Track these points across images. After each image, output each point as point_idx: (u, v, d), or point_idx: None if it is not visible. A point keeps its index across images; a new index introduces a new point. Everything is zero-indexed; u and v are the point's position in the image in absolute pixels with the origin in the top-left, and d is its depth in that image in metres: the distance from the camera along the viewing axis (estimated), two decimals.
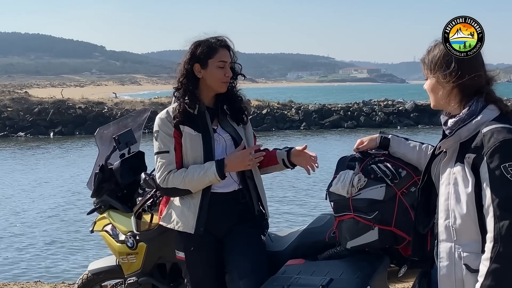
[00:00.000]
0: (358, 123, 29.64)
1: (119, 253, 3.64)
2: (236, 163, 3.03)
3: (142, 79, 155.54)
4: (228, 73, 3.09)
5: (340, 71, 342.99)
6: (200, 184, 3.02)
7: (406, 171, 2.82)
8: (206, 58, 3.06)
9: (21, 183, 14.91)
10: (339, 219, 2.86)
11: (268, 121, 29.12)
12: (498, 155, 2.08)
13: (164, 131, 3.09)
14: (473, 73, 2.20)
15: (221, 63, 3.06)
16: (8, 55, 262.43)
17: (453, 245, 2.20)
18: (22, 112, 28.97)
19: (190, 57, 3.08)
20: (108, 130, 4.12)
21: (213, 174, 2.98)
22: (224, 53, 3.08)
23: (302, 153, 3.20)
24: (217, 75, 3.07)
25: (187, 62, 3.08)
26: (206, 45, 3.07)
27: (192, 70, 3.08)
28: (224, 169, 3.00)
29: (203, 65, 3.07)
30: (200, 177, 3.00)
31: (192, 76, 3.08)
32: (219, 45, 3.08)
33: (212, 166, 3.00)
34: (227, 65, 3.09)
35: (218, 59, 3.06)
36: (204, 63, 3.06)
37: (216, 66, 3.06)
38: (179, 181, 3.02)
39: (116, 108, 29.44)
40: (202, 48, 3.06)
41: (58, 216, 11.08)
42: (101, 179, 3.74)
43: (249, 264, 3.01)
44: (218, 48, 3.07)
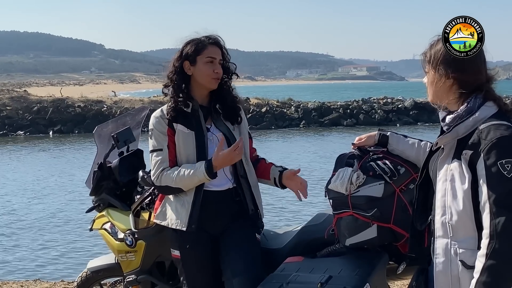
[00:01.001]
0: (358, 121, 29.63)
1: (118, 251, 3.64)
2: (225, 161, 3.03)
3: (141, 78, 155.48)
4: (217, 70, 3.09)
5: (339, 69, 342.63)
6: (191, 182, 3.03)
7: (404, 168, 2.82)
8: (195, 55, 3.08)
9: (20, 181, 14.91)
10: (338, 216, 2.86)
11: (267, 119, 29.10)
12: (495, 151, 2.08)
13: (158, 129, 3.12)
14: (474, 69, 2.21)
15: (209, 59, 3.07)
16: (7, 53, 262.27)
17: (449, 242, 2.20)
18: (21, 111, 28.96)
19: (180, 55, 3.11)
20: (106, 128, 4.12)
21: (202, 174, 3.00)
22: (213, 50, 3.10)
23: (294, 178, 3.18)
24: (206, 71, 3.08)
25: (176, 59, 3.11)
26: (195, 42, 3.10)
27: (182, 67, 3.10)
28: (213, 169, 3.01)
29: (192, 62, 3.09)
30: (190, 176, 3.01)
31: (182, 74, 3.10)
32: (208, 42, 3.10)
33: (201, 165, 3.01)
34: (216, 61, 3.09)
35: (206, 55, 3.07)
36: (193, 60, 3.08)
37: (204, 62, 3.07)
38: (171, 179, 3.05)
39: (115, 106, 29.43)
40: (191, 46, 3.09)
41: (56, 214, 11.09)
42: (100, 177, 3.74)
43: (243, 262, 3.02)
44: (206, 45, 3.09)
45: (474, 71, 2.21)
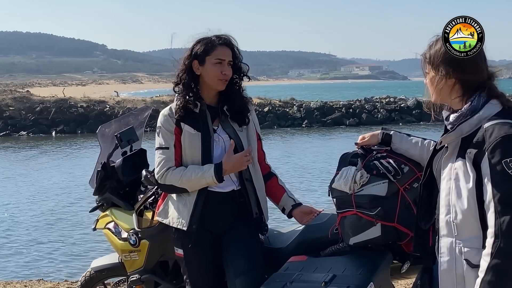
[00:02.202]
0: (360, 120, 29.61)
1: (121, 250, 3.65)
2: (235, 167, 3.04)
3: (144, 78, 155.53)
4: (226, 71, 3.06)
5: (341, 69, 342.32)
6: (197, 184, 3.04)
7: (408, 167, 2.82)
8: (204, 55, 3.06)
9: (24, 181, 14.93)
10: (341, 215, 2.86)
11: (269, 119, 29.11)
12: (500, 150, 2.07)
13: (166, 127, 3.11)
14: (475, 68, 2.20)
15: (218, 60, 3.05)
16: (10, 54, 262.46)
17: (454, 240, 2.20)
18: (24, 111, 29.00)
19: (190, 54, 3.09)
20: (110, 128, 4.12)
21: (210, 177, 3.00)
22: (223, 51, 3.07)
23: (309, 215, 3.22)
24: (213, 72, 3.06)
25: (186, 58, 3.09)
26: (205, 42, 3.08)
27: (191, 66, 3.08)
28: (222, 173, 3.01)
29: (200, 62, 3.07)
30: (198, 178, 3.01)
31: (192, 73, 3.09)
32: (218, 43, 3.07)
33: (210, 169, 3.01)
34: (225, 63, 3.07)
35: (215, 56, 3.05)
36: (202, 60, 3.06)
37: (213, 63, 3.05)
38: (177, 179, 3.04)
39: (118, 106, 29.44)
40: (201, 45, 3.07)
41: (60, 214, 11.10)
42: (103, 177, 3.74)
43: (245, 262, 3.01)
44: (216, 46, 3.06)
45: (475, 69, 2.21)
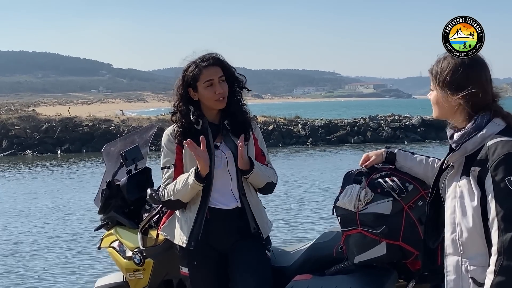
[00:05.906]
0: (365, 138, 29.57)
1: (126, 269, 3.64)
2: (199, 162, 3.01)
3: (149, 96, 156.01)
4: (218, 90, 3.08)
5: (346, 87, 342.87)
6: (186, 192, 3.06)
7: (413, 185, 2.81)
8: (194, 82, 3.10)
9: (28, 199, 14.94)
10: (346, 233, 2.85)
11: (274, 137, 29.11)
12: (503, 168, 2.08)
13: (168, 146, 3.17)
14: (480, 90, 2.19)
15: (208, 83, 3.08)
16: (16, 73, 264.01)
17: (460, 259, 2.20)
18: (29, 130, 29.09)
19: (182, 83, 3.14)
20: (115, 146, 4.14)
21: (192, 180, 3.02)
22: (209, 72, 3.09)
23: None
24: (208, 95, 3.09)
25: (180, 87, 3.14)
26: (192, 68, 3.11)
27: (188, 94, 3.13)
28: (200, 173, 3.01)
29: (194, 89, 3.12)
30: (183, 185, 3.05)
31: (189, 99, 3.13)
32: (203, 66, 3.09)
33: (191, 172, 3.04)
34: (215, 81, 3.08)
35: (203, 80, 3.08)
36: (194, 87, 3.12)
37: (204, 87, 3.09)
38: (171, 192, 3.09)
39: (123, 125, 29.52)
40: (190, 73, 3.11)
41: (64, 232, 11.08)
42: (108, 196, 3.75)
43: (253, 280, 3.01)
44: (202, 69, 3.09)
45: (481, 92, 2.19)
